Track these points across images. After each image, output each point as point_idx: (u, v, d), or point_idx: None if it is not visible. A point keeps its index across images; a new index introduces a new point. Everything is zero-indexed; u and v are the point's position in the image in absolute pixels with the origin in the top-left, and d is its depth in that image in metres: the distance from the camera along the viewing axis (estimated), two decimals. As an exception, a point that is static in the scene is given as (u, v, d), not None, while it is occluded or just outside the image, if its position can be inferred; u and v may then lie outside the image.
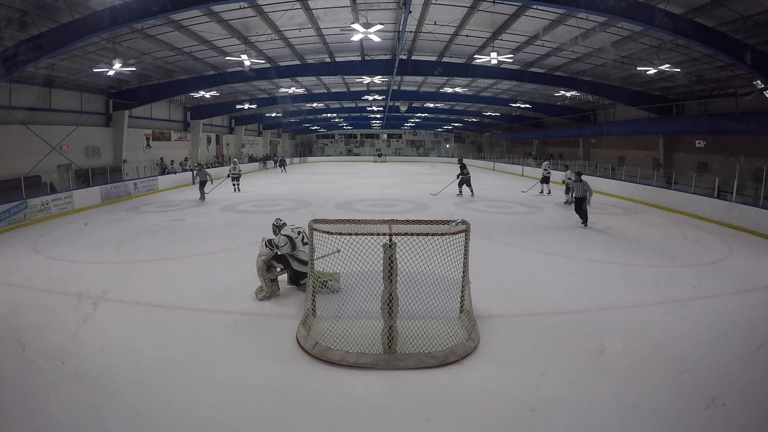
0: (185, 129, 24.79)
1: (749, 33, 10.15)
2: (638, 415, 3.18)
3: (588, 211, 10.31)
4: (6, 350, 4.12)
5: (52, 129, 14.87)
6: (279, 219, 5.97)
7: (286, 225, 5.81)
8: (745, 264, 7.43)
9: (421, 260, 4.06)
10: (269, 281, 5.48)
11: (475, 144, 48.22)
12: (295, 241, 5.43)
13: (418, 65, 16.45)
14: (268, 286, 5.47)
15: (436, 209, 12.86)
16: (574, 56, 14.74)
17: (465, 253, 4.35)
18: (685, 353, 4.09)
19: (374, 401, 3.41)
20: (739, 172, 11.74)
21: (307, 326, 4.38)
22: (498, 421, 3.13)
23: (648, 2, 9.29)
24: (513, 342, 4.33)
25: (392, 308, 3.92)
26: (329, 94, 25.21)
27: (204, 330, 4.60)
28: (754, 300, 5.72)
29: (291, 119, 35.45)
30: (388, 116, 34.91)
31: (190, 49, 14.11)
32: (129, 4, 9.18)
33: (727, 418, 3.19)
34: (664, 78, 15.21)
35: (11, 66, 10.07)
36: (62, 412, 3.17)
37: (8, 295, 5.65)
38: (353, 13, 11.56)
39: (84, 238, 9.24)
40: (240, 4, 10.33)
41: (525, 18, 11.61)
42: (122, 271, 6.72)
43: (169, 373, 3.72)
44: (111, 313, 5.04)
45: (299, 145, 49.41)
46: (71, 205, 12.51)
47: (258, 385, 3.57)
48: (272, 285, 5.51)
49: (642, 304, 5.39)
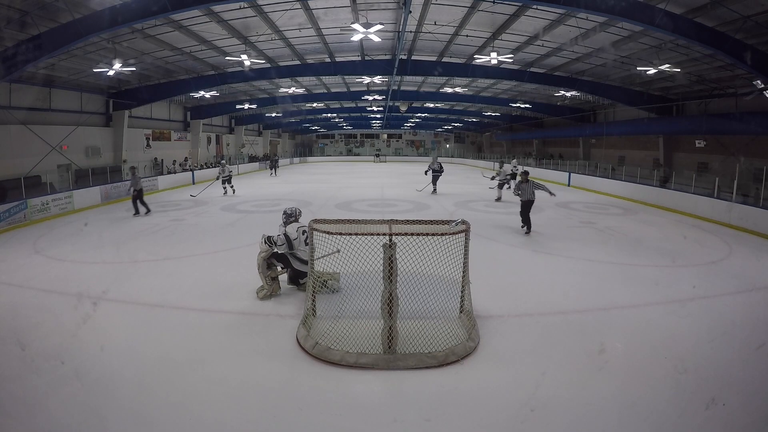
0: (185, 129, 24.79)
1: (749, 33, 10.15)
2: (638, 415, 3.18)
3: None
4: (6, 350, 4.12)
5: (52, 129, 14.87)
6: (296, 209, 5.82)
7: (299, 217, 5.73)
8: (745, 264, 7.43)
9: (421, 260, 4.06)
10: (269, 279, 5.46)
11: (475, 144, 48.22)
12: (294, 242, 5.40)
13: (418, 65, 16.45)
14: (269, 284, 5.46)
15: (436, 209, 12.86)
16: (574, 56, 14.74)
17: (465, 253, 4.35)
18: (685, 353, 4.09)
19: (374, 401, 3.41)
20: (739, 172, 11.74)
21: (307, 326, 4.38)
22: (498, 421, 3.13)
23: (648, 2, 9.28)
24: (513, 342, 4.33)
25: (392, 308, 3.92)
26: (329, 94, 25.21)
27: (204, 330, 4.60)
28: (754, 300, 5.72)
29: (291, 119, 35.45)
30: (388, 116, 34.92)
31: (190, 49, 14.11)
32: (129, 4, 9.18)
33: (727, 418, 3.19)
34: (664, 78, 15.20)
35: (11, 66, 10.07)
36: (62, 412, 3.17)
37: (8, 295, 5.65)
38: (353, 13, 11.56)
39: (84, 238, 9.24)
40: (240, 4, 10.33)
41: (525, 18, 11.61)
42: (122, 271, 6.72)
43: (169, 373, 3.72)
44: (111, 313, 5.04)
45: (299, 145, 49.41)
46: (71, 205, 12.51)
47: (258, 385, 3.57)
48: (273, 283, 5.50)
49: (642, 304, 5.39)
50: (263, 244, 5.42)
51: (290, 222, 5.66)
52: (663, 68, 12.43)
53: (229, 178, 16.55)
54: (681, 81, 15.74)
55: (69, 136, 15.58)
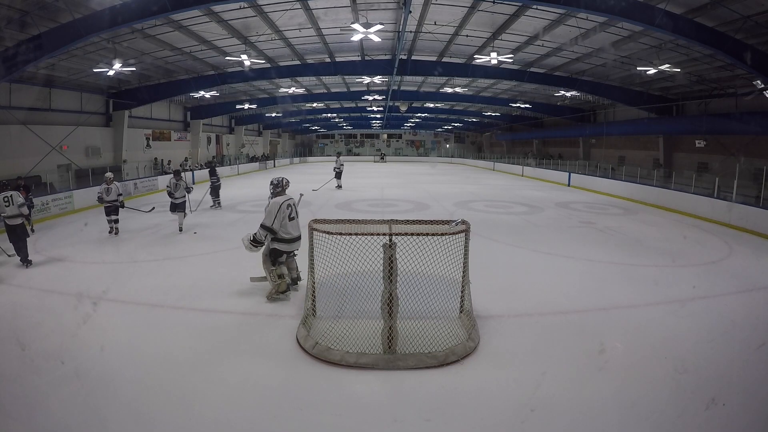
0: (185, 129, 24.80)
1: (749, 33, 10.15)
2: (638, 415, 3.18)
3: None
4: (6, 350, 4.12)
5: (52, 129, 14.87)
6: (284, 178, 5.52)
7: (286, 188, 5.45)
8: (745, 264, 7.43)
9: (421, 260, 4.06)
10: (276, 276, 5.25)
11: (475, 144, 48.22)
12: (274, 226, 5.15)
13: (418, 65, 16.46)
14: (274, 280, 5.25)
15: (436, 209, 12.86)
16: (574, 56, 14.75)
17: (465, 253, 4.35)
18: (685, 353, 4.08)
19: (374, 401, 3.41)
20: (739, 172, 11.74)
21: (307, 326, 4.37)
22: (498, 421, 3.13)
23: (648, 2, 9.28)
24: (513, 342, 4.33)
25: (392, 308, 3.92)
26: (329, 94, 25.22)
27: (204, 330, 4.60)
28: (754, 300, 5.72)
29: (291, 119, 35.50)
30: (388, 116, 34.92)
31: (190, 49, 14.12)
32: (129, 4, 9.19)
33: (727, 418, 3.19)
34: (664, 78, 15.21)
35: (11, 66, 10.08)
36: (62, 412, 3.17)
37: (8, 295, 5.64)
38: (353, 13, 11.56)
39: (84, 238, 9.23)
40: (240, 4, 10.34)
41: (525, 18, 11.61)
42: (122, 271, 6.72)
43: (170, 373, 3.72)
44: (111, 313, 5.04)
45: (299, 145, 49.42)
46: (71, 205, 12.52)
47: (258, 385, 3.57)
48: (279, 281, 5.28)
49: (642, 304, 5.39)
50: (249, 244, 5.23)
51: (277, 192, 5.42)
52: (663, 68, 12.43)
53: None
54: (681, 81, 15.75)
55: (69, 136, 15.58)
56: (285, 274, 5.38)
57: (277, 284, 5.28)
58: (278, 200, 5.30)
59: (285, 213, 5.24)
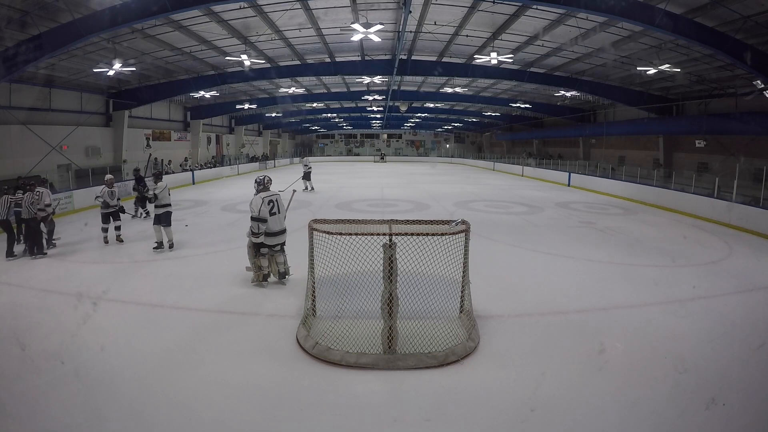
0: (185, 129, 24.80)
1: (749, 33, 10.15)
2: (638, 415, 3.18)
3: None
4: (6, 350, 4.12)
5: (52, 129, 14.86)
6: (266, 176, 5.98)
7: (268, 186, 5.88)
8: (745, 264, 7.43)
9: (421, 260, 4.06)
10: (256, 267, 5.80)
11: (475, 144, 48.21)
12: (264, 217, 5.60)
13: (418, 65, 16.46)
14: (255, 271, 5.82)
15: (436, 209, 12.86)
16: (574, 56, 14.74)
17: (465, 253, 4.35)
18: (685, 353, 4.09)
19: (374, 401, 3.41)
20: (739, 172, 11.74)
21: (307, 326, 4.38)
22: (498, 421, 3.13)
23: (648, 2, 9.29)
24: (513, 342, 4.33)
25: (392, 308, 3.92)
26: (329, 94, 25.22)
27: (204, 330, 4.60)
28: (754, 300, 5.72)
29: (291, 119, 35.54)
30: (388, 116, 34.93)
31: (190, 49, 14.11)
32: (129, 4, 9.19)
33: (727, 418, 3.19)
34: (664, 78, 15.21)
35: (11, 66, 10.08)
36: (62, 412, 3.17)
37: (8, 295, 5.64)
38: (353, 13, 11.56)
39: (84, 238, 9.23)
40: (240, 4, 10.34)
41: (525, 18, 11.61)
42: (122, 271, 6.72)
43: (169, 373, 3.72)
44: (111, 313, 5.04)
45: (299, 145, 49.40)
46: (71, 205, 12.52)
47: (258, 385, 3.57)
48: (259, 272, 5.82)
49: (642, 304, 5.39)
50: (251, 237, 5.76)
51: (260, 190, 5.83)
52: (663, 68, 12.43)
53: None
54: (681, 81, 15.75)
55: (69, 136, 15.58)
56: (264, 266, 5.88)
57: (258, 274, 5.85)
58: (260, 196, 5.74)
59: (266, 208, 5.65)
